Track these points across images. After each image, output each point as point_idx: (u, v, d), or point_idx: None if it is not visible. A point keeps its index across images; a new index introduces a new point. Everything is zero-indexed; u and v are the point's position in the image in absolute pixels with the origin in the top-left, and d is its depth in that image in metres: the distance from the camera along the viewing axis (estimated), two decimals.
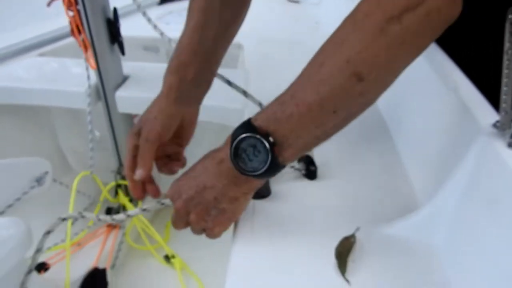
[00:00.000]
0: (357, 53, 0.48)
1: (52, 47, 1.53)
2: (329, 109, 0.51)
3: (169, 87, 0.73)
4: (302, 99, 0.52)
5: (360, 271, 0.59)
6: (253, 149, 0.54)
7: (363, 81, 0.48)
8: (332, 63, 0.50)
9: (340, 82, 0.49)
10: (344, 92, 0.50)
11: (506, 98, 0.50)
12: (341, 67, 0.49)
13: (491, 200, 0.53)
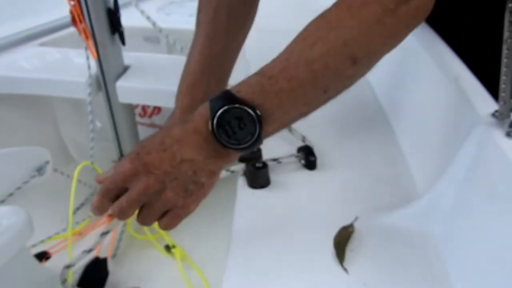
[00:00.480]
0: (354, 37, 0.49)
1: (52, 37, 1.53)
2: (321, 88, 0.52)
3: (182, 109, 0.73)
4: (294, 75, 0.51)
5: (358, 260, 0.59)
6: (238, 121, 0.51)
7: (356, 65, 0.50)
8: (327, 43, 0.50)
9: (336, 63, 0.50)
10: (338, 73, 0.51)
11: (505, 88, 0.50)
12: (337, 49, 0.50)
13: (489, 189, 0.53)
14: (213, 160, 0.54)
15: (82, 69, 1.20)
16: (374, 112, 0.94)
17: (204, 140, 0.53)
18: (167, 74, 1.27)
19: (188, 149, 0.53)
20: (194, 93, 0.72)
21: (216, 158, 0.54)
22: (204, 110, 0.53)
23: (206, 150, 0.53)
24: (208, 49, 0.72)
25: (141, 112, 1.55)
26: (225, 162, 0.56)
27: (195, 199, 0.58)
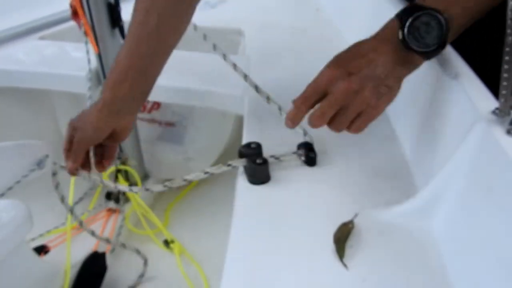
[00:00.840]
0: None
1: (52, 30, 1.53)
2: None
3: (103, 103, 0.76)
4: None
5: (358, 256, 0.60)
6: (425, 26, 0.58)
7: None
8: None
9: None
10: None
11: (506, 85, 0.51)
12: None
13: (489, 186, 0.53)
14: (400, 66, 0.62)
15: (82, 63, 1.20)
16: None
17: (394, 48, 0.60)
18: (166, 70, 1.26)
19: (381, 55, 0.61)
20: (119, 88, 0.74)
21: (403, 65, 0.62)
22: (391, 24, 0.61)
23: (394, 57, 0.61)
24: (136, 49, 0.74)
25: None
26: (410, 69, 0.63)
27: (385, 100, 0.63)
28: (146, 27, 0.73)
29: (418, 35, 0.58)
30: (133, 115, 0.83)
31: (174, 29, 0.79)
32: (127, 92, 0.75)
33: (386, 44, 0.61)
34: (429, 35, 0.58)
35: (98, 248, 1.27)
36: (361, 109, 0.62)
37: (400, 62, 0.61)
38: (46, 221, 1.28)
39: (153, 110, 1.56)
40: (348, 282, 0.56)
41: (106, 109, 0.75)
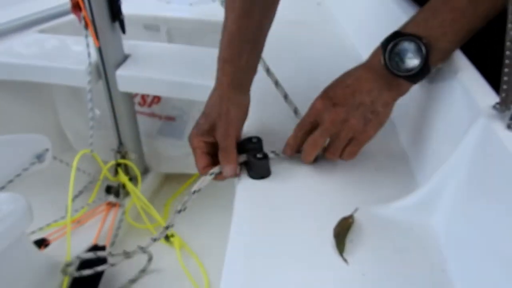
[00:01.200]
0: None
1: (52, 23, 1.52)
2: (485, 17, 0.58)
3: (229, 76, 0.75)
4: (455, 5, 0.58)
5: (358, 251, 0.60)
6: (406, 52, 0.60)
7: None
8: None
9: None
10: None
11: (506, 80, 0.50)
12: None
13: (489, 182, 0.53)
14: (387, 92, 0.64)
15: (82, 57, 1.20)
16: None
17: (379, 75, 0.64)
18: (167, 64, 1.26)
19: (366, 83, 0.65)
20: (239, 61, 0.74)
21: (390, 90, 0.64)
22: (377, 50, 0.64)
23: (380, 83, 0.64)
24: (247, 21, 0.73)
25: (141, 101, 1.55)
26: (397, 94, 0.65)
27: (373, 126, 0.66)
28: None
29: (399, 60, 0.61)
30: (248, 92, 0.79)
31: None
32: (245, 63, 0.75)
33: (372, 71, 0.65)
34: (410, 60, 0.61)
35: (98, 242, 1.28)
36: (350, 136, 0.66)
37: (387, 88, 0.64)
38: (46, 215, 1.28)
39: (153, 104, 1.56)
40: (347, 277, 0.56)
41: (235, 83, 0.75)
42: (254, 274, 0.57)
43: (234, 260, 0.59)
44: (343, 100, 0.65)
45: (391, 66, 0.62)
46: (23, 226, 0.92)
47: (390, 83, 0.64)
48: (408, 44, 0.60)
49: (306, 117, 0.70)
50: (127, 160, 1.40)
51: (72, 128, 1.58)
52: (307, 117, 0.70)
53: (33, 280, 1.04)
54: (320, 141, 0.69)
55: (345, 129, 0.66)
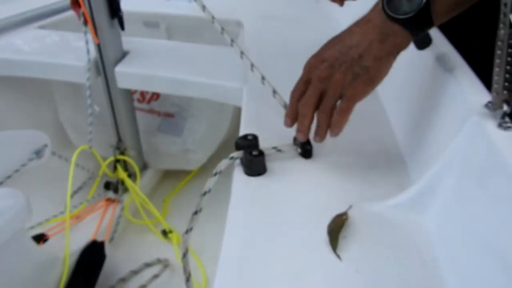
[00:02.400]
0: None
1: (52, 20, 1.53)
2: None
3: None
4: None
5: (351, 248, 0.60)
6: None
7: None
8: None
9: None
10: None
11: (497, 79, 0.51)
12: None
13: (481, 179, 0.54)
14: (378, 44, 0.60)
15: (81, 53, 1.20)
16: (370, 102, 0.94)
17: (374, 26, 0.60)
18: (166, 60, 1.27)
19: (356, 35, 0.61)
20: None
21: (382, 42, 0.60)
22: (377, 4, 0.61)
23: (372, 34, 0.60)
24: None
25: (140, 97, 1.55)
26: (391, 47, 0.61)
27: (362, 81, 0.62)
28: None
29: (398, 3, 0.58)
30: None
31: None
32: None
33: (367, 23, 0.62)
34: (409, 3, 0.58)
35: (96, 237, 1.28)
36: (338, 92, 0.63)
37: (379, 39, 0.60)
38: (45, 210, 1.29)
39: (152, 101, 1.56)
40: (341, 273, 0.57)
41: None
42: (248, 269, 0.58)
43: (228, 256, 0.60)
44: (332, 56, 0.63)
45: (389, 8, 0.59)
46: (22, 222, 0.93)
47: (384, 33, 0.60)
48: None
49: (299, 79, 0.68)
50: (126, 157, 1.40)
51: (71, 124, 1.58)
52: (300, 79, 0.68)
53: (32, 275, 1.04)
54: (310, 100, 0.66)
55: (332, 85, 0.63)
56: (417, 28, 0.60)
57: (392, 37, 0.60)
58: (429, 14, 0.58)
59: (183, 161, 1.55)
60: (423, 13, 0.57)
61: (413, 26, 0.59)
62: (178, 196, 1.57)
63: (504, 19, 0.48)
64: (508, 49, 0.50)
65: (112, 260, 1.27)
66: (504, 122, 0.53)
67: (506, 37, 0.50)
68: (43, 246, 1.21)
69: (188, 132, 1.51)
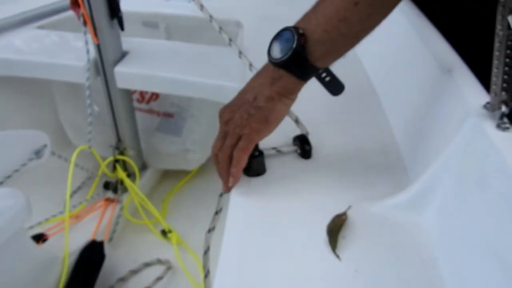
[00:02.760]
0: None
1: (51, 20, 1.53)
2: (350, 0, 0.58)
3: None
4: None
5: (350, 247, 0.60)
6: (285, 42, 0.62)
7: None
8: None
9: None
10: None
11: (496, 80, 0.51)
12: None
13: (480, 180, 0.54)
14: (270, 87, 0.65)
15: (81, 53, 1.20)
16: (369, 102, 0.95)
17: (266, 71, 0.66)
18: (166, 61, 1.27)
19: (253, 82, 0.68)
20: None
21: (273, 84, 0.65)
22: None
23: (264, 78, 0.66)
24: None
25: (139, 97, 1.55)
26: (280, 88, 0.65)
27: (256, 119, 0.66)
28: None
29: (278, 49, 0.63)
30: None
31: None
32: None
33: (262, 71, 0.67)
34: (285, 46, 0.62)
35: (96, 237, 1.28)
36: (236, 131, 0.67)
37: (270, 83, 0.65)
38: (44, 210, 1.29)
39: (151, 101, 1.56)
40: (340, 273, 0.57)
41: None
42: (248, 269, 0.58)
43: (228, 256, 0.60)
44: (234, 102, 0.69)
45: (270, 55, 0.64)
46: (21, 221, 0.93)
47: (274, 77, 0.65)
48: (286, 34, 0.62)
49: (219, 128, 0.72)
50: (126, 156, 1.40)
51: (70, 124, 1.58)
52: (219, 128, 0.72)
53: (31, 275, 1.04)
54: (218, 141, 0.70)
55: (231, 126, 0.67)
56: (299, 71, 0.64)
57: (280, 81, 0.65)
58: (306, 57, 0.61)
59: (183, 161, 1.55)
60: (299, 57, 0.61)
61: (293, 69, 0.63)
62: (178, 196, 1.57)
63: (502, 21, 0.48)
64: (506, 50, 0.50)
65: (111, 259, 1.27)
66: (502, 123, 0.53)
67: (504, 38, 0.50)
68: (43, 245, 1.21)
69: (188, 132, 1.51)
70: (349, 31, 0.61)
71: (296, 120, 0.80)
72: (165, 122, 1.55)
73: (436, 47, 0.76)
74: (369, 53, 1.05)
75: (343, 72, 0.73)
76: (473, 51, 0.66)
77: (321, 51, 0.62)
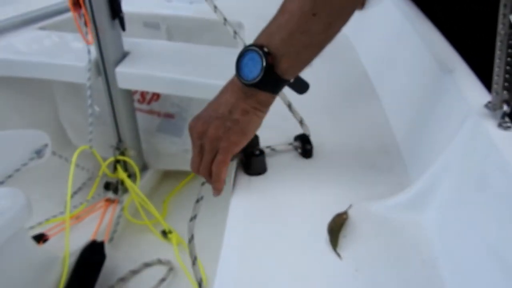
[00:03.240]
0: None
1: (52, 20, 1.53)
2: (309, 11, 0.59)
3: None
4: (287, 8, 0.62)
5: (351, 246, 0.60)
6: (252, 62, 0.63)
7: None
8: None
9: None
10: None
11: (497, 79, 0.51)
12: None
13: (481, 179, 0.54)
14: (243, 100, 0.66)
15: (82, 53, 1.21)
16: (370, 102, 0.95)
17: (237, 87, 0.66)
18: (167, 61, 1.27)
19: (225, 95, 0.68)
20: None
21: (246, 98, 0.66)
22: None
23: (237, 93, 0.66)
24: None
25: (140, 98, 1.56)
26: (255, 102, 0.66)
27: (234, 132, 0.66)
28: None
29: (247, 70, 0.64)
30: None
31: None
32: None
33: (232, 85, 0.68)
34: (255, 68, 0.63)
35: (96, 237, 1.28)
36: (213, 145, 0.67)
37: (244, 97, 0.66)
38: (45, 210, 1.29)
39: (152, 101, 1.56)
40: (341, 271, 0.57)
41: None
42: (249, 268, 0.58)
43: (229, 255, 0.60)
44: (206, 115, 0.68)
45: (241, 77, 0.64)
46: (22, 221, 0.93)
47: (246, 93, 0.66)
48: (252, 54, 0.63)
49: None
50: (126, 157, 1.41)
51: (71, 124, 1.58)
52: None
53: (31, 275, 1.04)
54: (195, 157, 0.69)
55: (207, 140, 0.67)
56: (271, 87, 0.65)
57: (254, 97, 0.66)
58: (275, 75, 0.63)
59: (183, 161, 1.55)
60: (269, 76, 0.62)
61: (266, 87, 0.64)
62: (178, 197, 1.57)
63: (503, 20, 0.48)
64: (508, 49, 0.50)
65: (111, 260, 1.27)
66: (504, 122, 0.53)
67: (505, 37, 0.50)
68: (43, 246, 1.21)
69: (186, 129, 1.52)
70: (312, 41, 0.62)
71: (300, 121, 0.80)
72: (166, 122, 1.56)
73: (437, 47, 0.76)
74: (369, 54, 1.05)
75: (344, 73, 0.73)
76: (473, 51, 0.67)
77: (288, 65, 0.63)
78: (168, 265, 1.30)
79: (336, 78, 1.03)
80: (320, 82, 0.70)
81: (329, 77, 1.02)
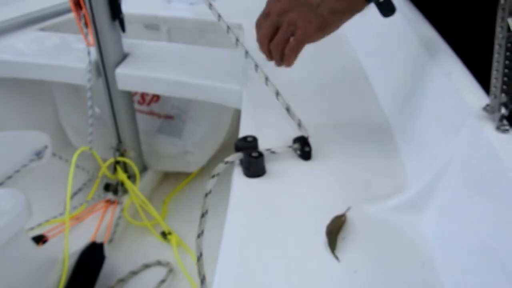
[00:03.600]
0: None
1: (53, 21, 1.53)
2: None
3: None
4: None
5: (350, 249, 0.60)
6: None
7: None
8: None
9: None
10: None
11: (495, 82, 0.51)
12: None
13: (479, 182, 0.54)
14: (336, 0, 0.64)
15: (82, 55, 1.21)
16: (369, 105, 0.95)
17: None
18: (167, 63, 1.27)
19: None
20: None
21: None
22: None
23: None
24: None
25: (140, 99, 1.56)
26: (348, 4, 0.65)
27: (313, 26, 0.66)
28: None
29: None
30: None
31: None
32: None
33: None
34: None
35: (96, 239, 1.28)
36: (289, 28, 0.67)
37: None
38: (45, 211, 1.29)
39: (152, 103, 1.57)
40: (339, 274, 0.57)
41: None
42: (247, 270, 0.58)
43: (228, 256, 0.60)
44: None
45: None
46: (21, 222, 0.93)
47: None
48: None
49: (262, 12, 0.72)
50: (126, 158, 1.41)
51: (71, 125, 1.59)
52: (262, 12, 0.72)
53: (31, 276, 1.05)
54: (267, 30, 0.70)
55: (285, 20, 0.67)
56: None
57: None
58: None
59: (183, 163, 1.56)
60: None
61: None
62: (178, 198, 1.57)
63: (502, 23, 0.48)
64: (506, 52, 0.50)
65: (111, 261, 1.27)
66: (502, 125, 0.53)
67: (504, 40, 0.50)
68: (43, 247, 1.21)
69: (188, 134, 1.52)
70: None
71: (299, 124, 0.80)
72: (166, 124, 1.56)
73: (436, 50, 0.76)
74: (369, 57, 1.05)
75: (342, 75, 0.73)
76: (472, 53, 0.67)
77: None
78: (167, 266, 1.30)
79: (335, 80, 1.03)
80: (319, 84, 0.70)
81: (327, 79, 1.02)
